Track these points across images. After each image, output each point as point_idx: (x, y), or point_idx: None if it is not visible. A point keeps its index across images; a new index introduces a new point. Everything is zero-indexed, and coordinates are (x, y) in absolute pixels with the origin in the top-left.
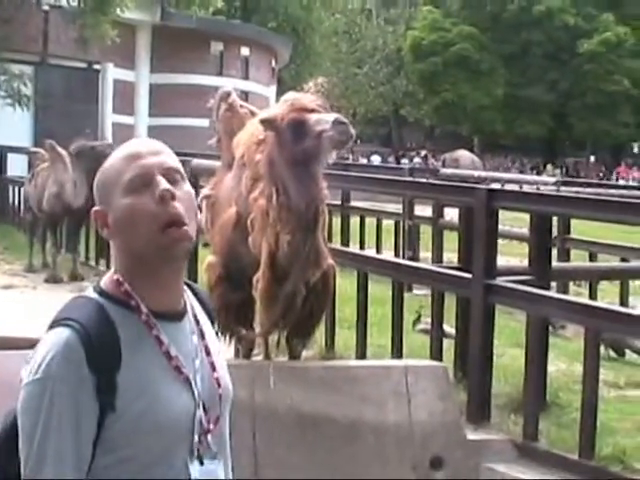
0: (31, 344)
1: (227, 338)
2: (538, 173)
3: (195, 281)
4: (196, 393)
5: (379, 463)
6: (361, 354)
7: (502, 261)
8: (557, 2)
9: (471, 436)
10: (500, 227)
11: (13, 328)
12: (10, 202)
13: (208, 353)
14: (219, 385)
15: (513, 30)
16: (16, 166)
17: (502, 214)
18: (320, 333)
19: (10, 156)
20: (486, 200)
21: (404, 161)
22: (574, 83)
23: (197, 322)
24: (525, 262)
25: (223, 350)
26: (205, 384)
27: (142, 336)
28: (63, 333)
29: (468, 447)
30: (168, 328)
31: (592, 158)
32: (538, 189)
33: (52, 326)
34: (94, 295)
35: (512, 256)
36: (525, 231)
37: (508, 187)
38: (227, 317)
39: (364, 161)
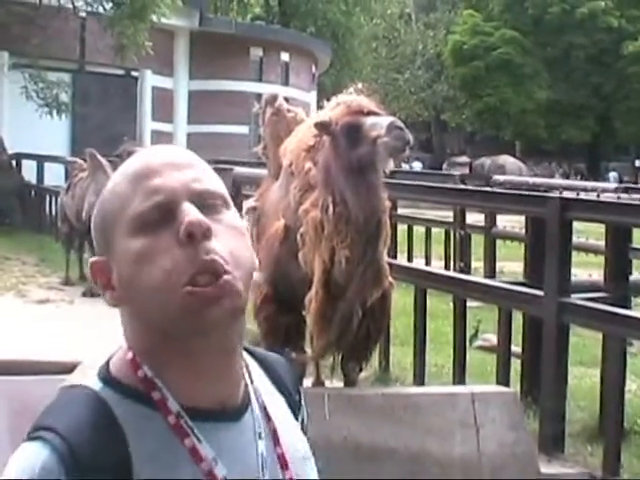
0: (63, 368)
1: None
2: (582, 178)
3: None
4: None
5: None
6: (420, 378)
7: None
8: (600, 4)
9: (545, 469)
10: None
11: (45, 347)
12: (47, 213)
13: (285, 465)
14: None
15: (555, 33)
16: (53, 175)
17: None
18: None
19: (47, 165)
20: (560, 210)
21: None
22: (618, 86)
23: (267, 417)
24: (594, 275)
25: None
26: None
27: (169, 449)
28: (39, 454)
29: None
30: (215, 433)
31: (637, 162)
32: (619, 198)
33: (29, 435)
34: (96, 384)
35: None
36: (592, 242)
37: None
38: (275, 341)
39: (406, 167)
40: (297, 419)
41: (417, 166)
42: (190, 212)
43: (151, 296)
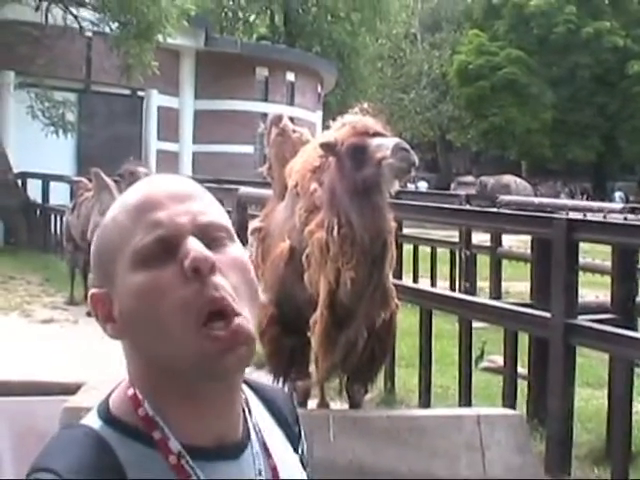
0: (66, 389)
1: (279, 384)
2: (588, 198)
3: None
4: None
5: None
6: (425, 400)
7: None
8: (605, 24)
9: None
10: None
11: (49, 368)
12: (52, 232)
13: None
14: None
15: (561, 53)
16: (59, 194)
17: None
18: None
19: (52, 184)
20: (566, 231)
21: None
22: (623, 106)
23: (267, 453)
24: (600, 296)
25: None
26: None
27: None
28: None
29: None
30: (214, 472)
31: None
32: (626, 219)
33: (28, 476)
34: (96, 422)
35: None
36: (597, 262)
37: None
38: (279, 363)
39: (412, 187)
40: (297, 451)
41: (423, 186)
42: (195, 247)
43: (157, 332)
